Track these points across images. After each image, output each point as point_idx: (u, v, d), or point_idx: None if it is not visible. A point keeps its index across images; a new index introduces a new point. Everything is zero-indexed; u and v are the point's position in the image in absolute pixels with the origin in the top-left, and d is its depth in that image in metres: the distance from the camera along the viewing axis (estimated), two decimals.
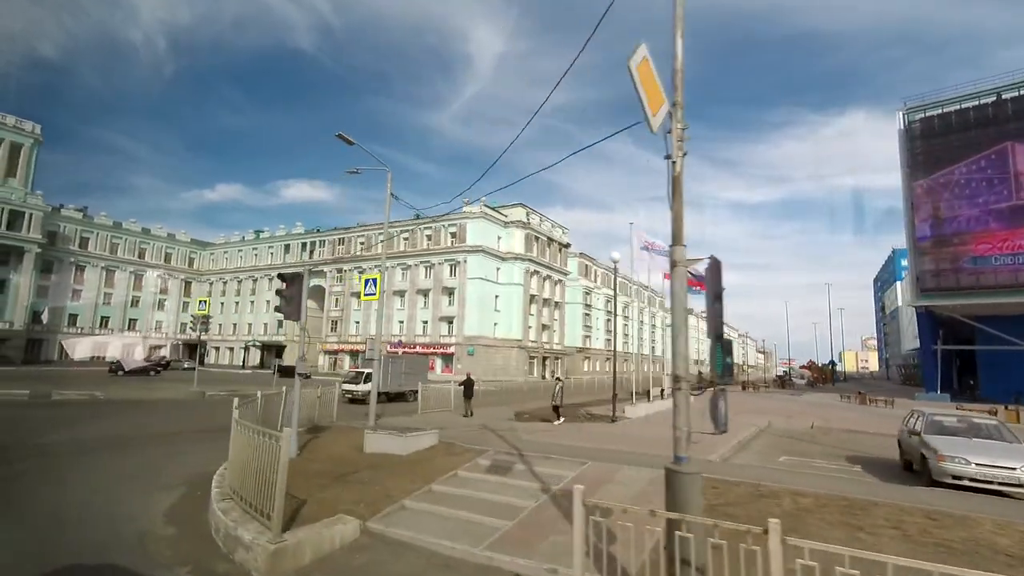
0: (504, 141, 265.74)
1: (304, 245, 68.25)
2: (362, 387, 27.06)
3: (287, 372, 52.23)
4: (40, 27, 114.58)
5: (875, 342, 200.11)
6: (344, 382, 27.88)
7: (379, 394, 28.30)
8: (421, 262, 57.63)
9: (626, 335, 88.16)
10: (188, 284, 75.82)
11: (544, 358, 61.74)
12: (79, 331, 63.49)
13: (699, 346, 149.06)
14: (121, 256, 68.14)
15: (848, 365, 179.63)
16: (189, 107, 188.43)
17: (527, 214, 59.69)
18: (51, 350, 60.88)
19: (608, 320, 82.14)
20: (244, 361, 65.49)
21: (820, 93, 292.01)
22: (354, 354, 60.88)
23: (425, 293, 57.12)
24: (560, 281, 66.22)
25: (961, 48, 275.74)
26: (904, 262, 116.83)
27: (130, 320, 68.68)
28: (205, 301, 27.58)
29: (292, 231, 70.12)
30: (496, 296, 56.33)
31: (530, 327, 58.97)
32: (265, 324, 69.34)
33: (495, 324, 55.72)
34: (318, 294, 68.93)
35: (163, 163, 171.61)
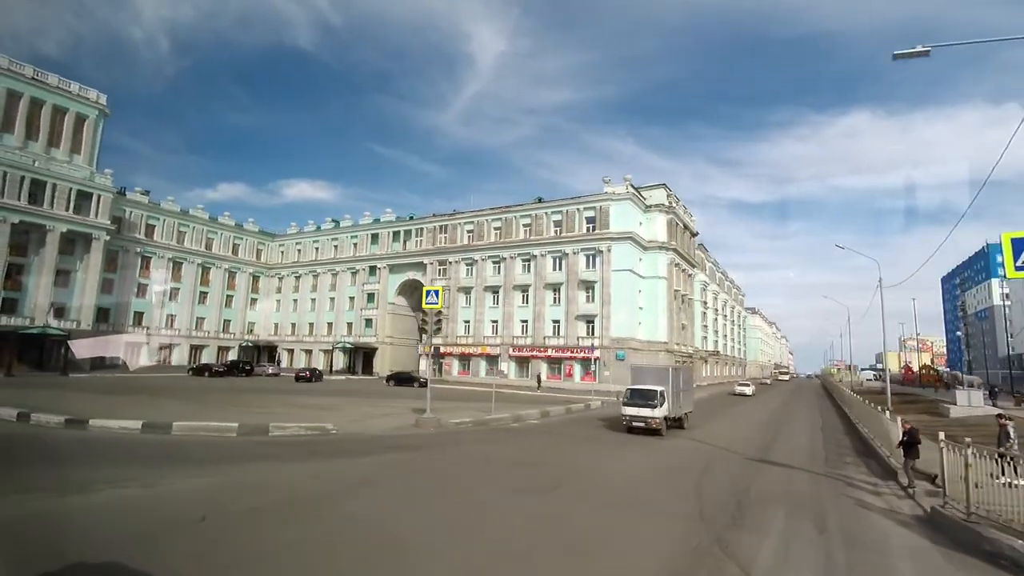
0: (506, 140, 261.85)
1: (396, 234, 60.33)
2: (657, 412, 19.13)
3: (403, 380, 44.48)
4: (41, 25, 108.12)
5: (914, 343, 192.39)
6: (625, 403, 19.87)
7: (666, 420, 20.51)
8: (549, 252, 49.70)
9: (723, 335, 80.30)
10: (256, 279, 68.07)
11: (683, 363, 53.72)
12: (145, 330, 55.78)
13: (762, 346, 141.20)
14: (188, 247, 60.37)
15: (893, 368, 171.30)
16: (190, 106, 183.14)
17: (668, 196, 51.70)
18: (116, 354, 53.18)
19: (716, 319, 74.19)
20: (330, 365, 57.68)
21: (824, 93, 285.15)
22: (463, 358, 53.06)
23: (555, 288, 49.19)
24: (691, 275, 58.26)
25: (966, 47, 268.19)
26: (1001, 258, 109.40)
27: (198, 319, 60.94)
28: (438, 291, 19.66)
29: (381, 218, 62.16)
30: (639, 291, 48.43)
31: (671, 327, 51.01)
32: (349, 324, 61.49)
33: (639, 324, 47.81)
34: (409, 290, 61.21)
35: (165, 161, 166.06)
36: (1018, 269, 8.93)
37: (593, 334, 46.61)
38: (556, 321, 48.67)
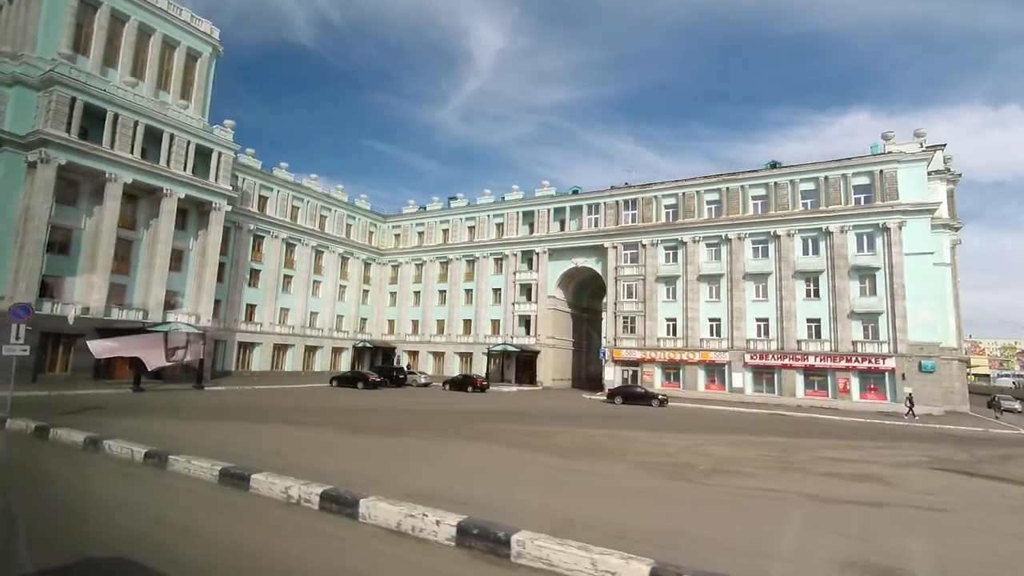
0: (506, 138, 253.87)
1: (557, 211, 49.01)
2: None
3: (634, 397, 33.37)
4: None
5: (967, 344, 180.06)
6: None
7: None
8: (799, 231, 38.37)
9: None
10: (367, 266, 56.97)
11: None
12: (258, 328, 44.87)
13: None
14: (302, 225, 49.34)
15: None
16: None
17: (946, 161, 40.19)
18: (228, 358, 42.35)
19: None
20: (486, 372, 46.42)
21: (824, 93, 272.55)
22: (669, 366, 41.78)
23: (810, 277, 37.81)
24: None
25: (968, 49, 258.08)
26: None
27: (311, 314, 49.93)
28: None
29: (537, 193, 50.68)
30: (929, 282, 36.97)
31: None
32: (494, 321, 50.24)
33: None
34: (566, 281, 50.08)
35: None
36: None
37: (877, 337, 35.24)
38: (814, 320, 37.29)
